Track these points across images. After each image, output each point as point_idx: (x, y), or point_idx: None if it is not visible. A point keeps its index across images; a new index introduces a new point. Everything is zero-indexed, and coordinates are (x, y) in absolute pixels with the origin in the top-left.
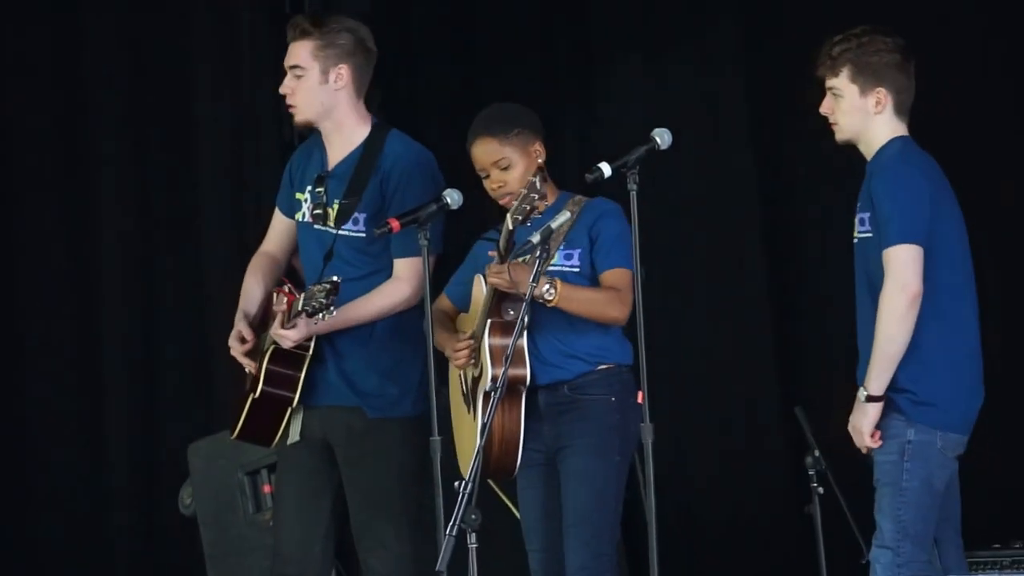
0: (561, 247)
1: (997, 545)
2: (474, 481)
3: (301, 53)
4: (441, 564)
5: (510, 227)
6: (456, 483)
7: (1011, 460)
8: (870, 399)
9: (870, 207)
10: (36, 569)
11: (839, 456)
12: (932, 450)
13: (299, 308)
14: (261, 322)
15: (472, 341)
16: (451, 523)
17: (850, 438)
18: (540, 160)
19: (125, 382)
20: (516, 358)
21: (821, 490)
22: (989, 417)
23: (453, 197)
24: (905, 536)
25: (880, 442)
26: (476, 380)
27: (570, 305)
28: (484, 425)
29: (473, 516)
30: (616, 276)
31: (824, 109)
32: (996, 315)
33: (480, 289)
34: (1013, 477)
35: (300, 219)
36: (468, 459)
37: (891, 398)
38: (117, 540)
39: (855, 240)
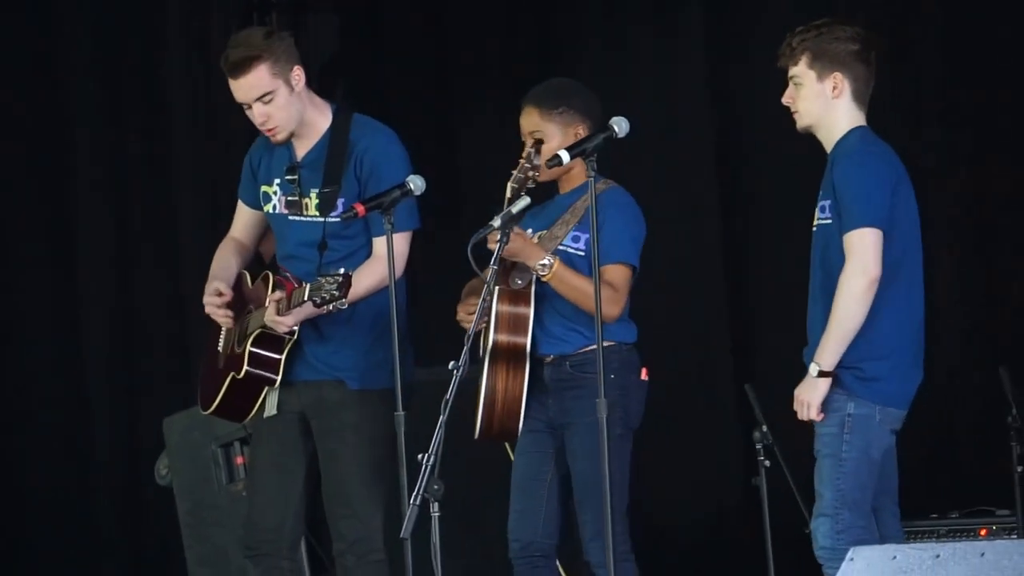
0: (573, 228)
1: (935, 515)
2: (436, 453)
3: (261, 81)
4: (405, 531)
5: (508, 195)
6: (419, 455)
7: (948, 436)
8: (822, 374)
9: (831, 195)
10: (25, 535)
11: (789, 431)
12: (871, 423)
13: (304, 298)
14: (234, 302)
15: (470, 308)
16: (415, 493)
17: (795, 413)
18: None
19: (105, 360)
20: (520, 326)
21: (768, 463)
22: (929, 395)
23: (416, 183)
24: (844, 504)
25: (823, 415)
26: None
27: (561, 287)
28: (446, 402)
29: (436, 486)
30: (613, 273)
31: (786, 99)
32: (939, 295)
33: None
34: (950, 452)
35: (271, 211)
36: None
37: (835, 374)
38: (100, 508)
39: (814, 228)
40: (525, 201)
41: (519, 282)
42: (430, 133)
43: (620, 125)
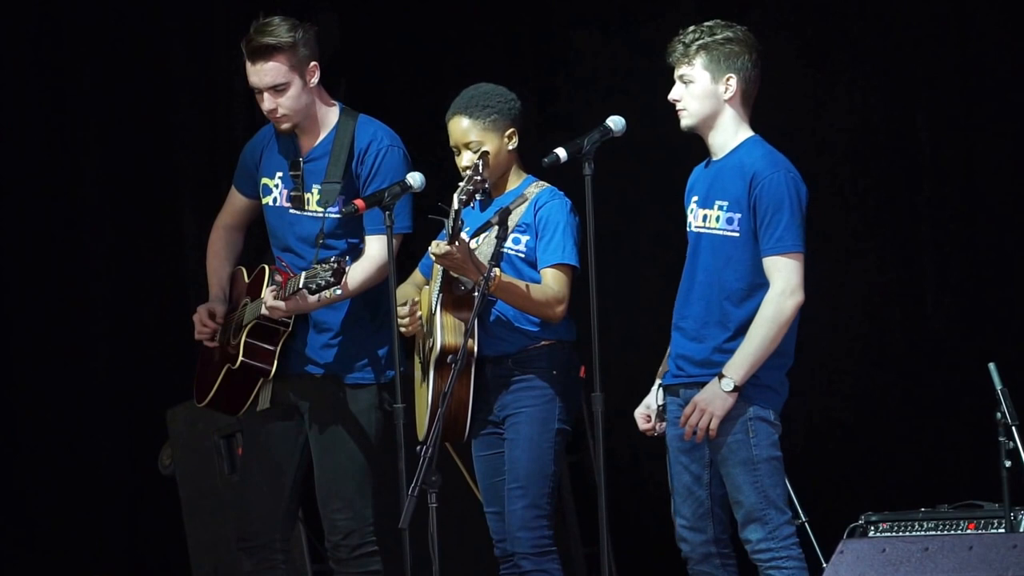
0: (512, 230)
1: (924, 509)
2: (434, 445)
3: (278, 71)
4: (403, 522)
5: (456, 207)
6: (418, 447)
7: (938, 431)
8: (735, 389)
9: (743, 209)
10: (28, 523)
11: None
12: (768, 423)
13: (299, 286)
14: (229, 298)
15: (416, 310)
16: (413, 483)
17: None
18: (511, 146)
19: (109, 349)
20: (464, 331)
21: None
22: (920, 390)
23: (416, 180)
24: (768, 504)
25: (715, 431)
26: (431, 350)
27: (504, 296)
28: (445, 393)
29: (434, 477)
30: (552, 276)
31: (673, 96)
32: (926, 292)
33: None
34: (940, 447)
35: (271, 204)
36: (423, 422)
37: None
38: (103, 498)
39: (700, 230)
40: (524, 199)
41: (462, 288)
42: (429, 132)
43: (617, 124)
